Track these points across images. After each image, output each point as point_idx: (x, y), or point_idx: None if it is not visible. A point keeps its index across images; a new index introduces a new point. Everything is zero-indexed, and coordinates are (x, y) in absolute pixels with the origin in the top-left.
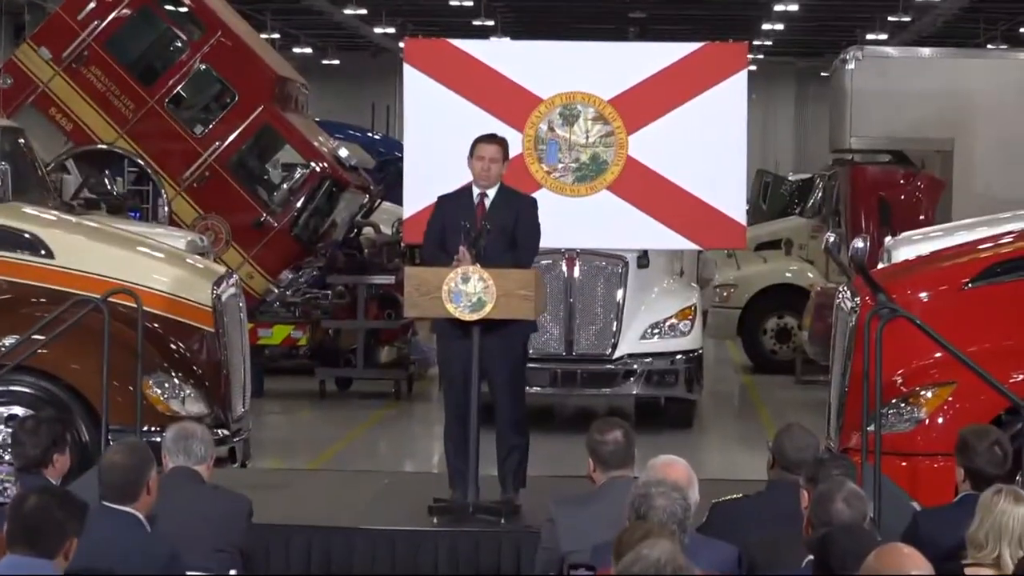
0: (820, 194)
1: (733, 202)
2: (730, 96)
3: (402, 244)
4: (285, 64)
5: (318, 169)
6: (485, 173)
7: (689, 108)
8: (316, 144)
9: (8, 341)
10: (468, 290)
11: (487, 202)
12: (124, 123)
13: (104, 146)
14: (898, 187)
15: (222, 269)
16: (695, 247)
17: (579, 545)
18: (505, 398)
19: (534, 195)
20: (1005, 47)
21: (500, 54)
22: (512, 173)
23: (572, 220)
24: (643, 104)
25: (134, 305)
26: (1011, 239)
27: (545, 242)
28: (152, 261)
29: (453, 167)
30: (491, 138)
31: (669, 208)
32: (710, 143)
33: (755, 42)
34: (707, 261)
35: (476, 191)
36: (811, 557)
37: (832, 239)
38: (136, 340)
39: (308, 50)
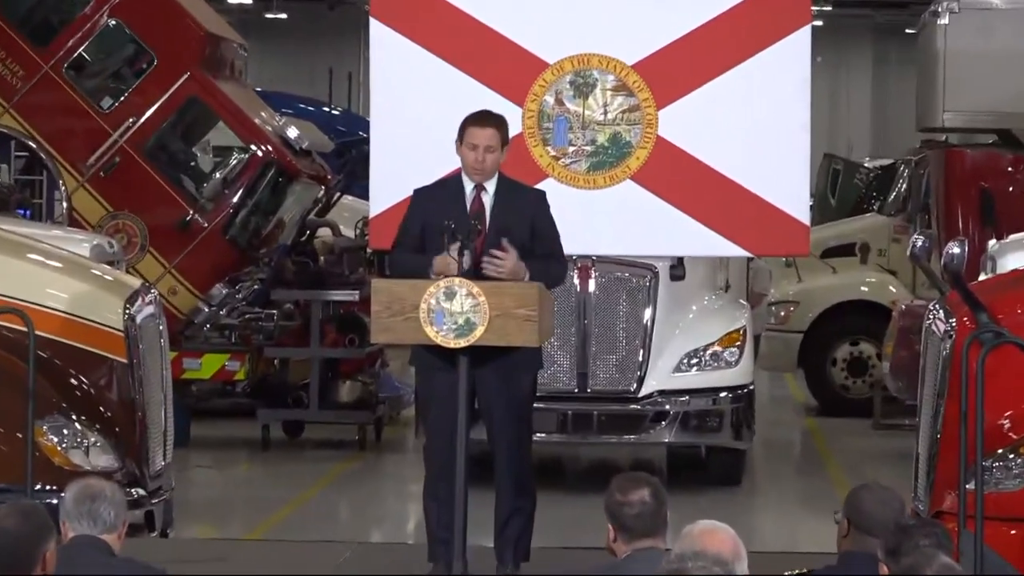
0: (905, 185)
1: (793, 196)
2: (789, 59)
3: (368, 250)
4: (218, 19)
5: (260, 154)
6: (479, 166)
7: (736, 75)
8: (258, 122)
9: None
10: (453, 308)
11: (486, 198)
12: (10, 94)
13: None
14: (1005, 176)
15: (137, 282)
16: (744, 254)
17: None
18: (505, 448)
19: (538, 187)
20: None
21: (494, 6)
22: (509, 159)
23: (586, 219)
24: (677, 70)
25: (23, 328)
26: None
27: None
28: (46, 272)
29: (433, 151)
30: (485, 119)
31: (710, 203)
32: (764, 120)
33: None
34: (760, 271)
35: (469, 184)
36: None
37: (920, 243)
38: (26, 373)
39: (247, 0)
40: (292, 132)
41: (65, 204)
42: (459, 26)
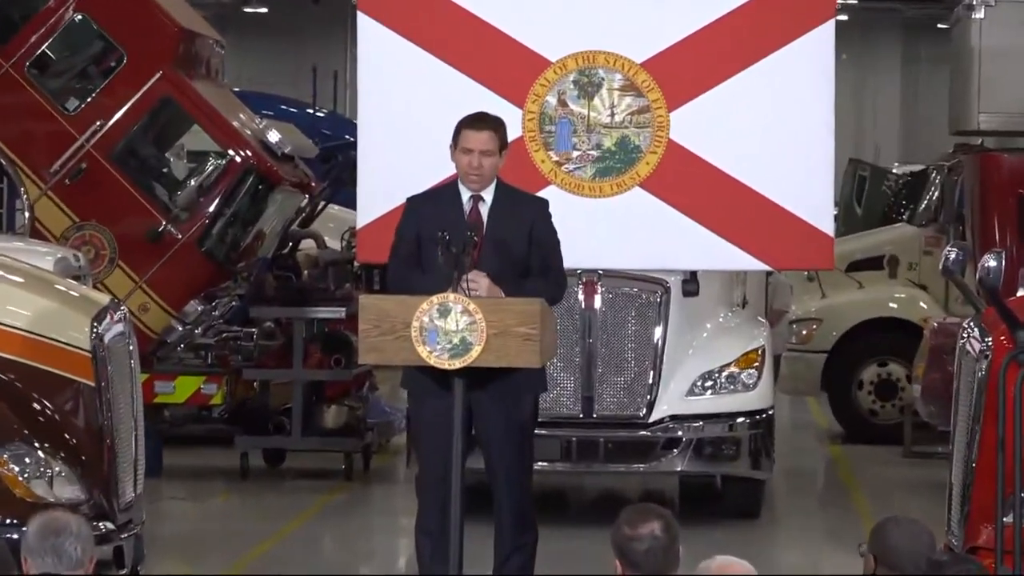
0: (937, 193)
1: (816, 205)
2: (811, 56)
3: (355, 263)
4: (192, 14)
5: (238, 159)
6: (475, 172)
7: (754, 73)
8: (236, 124)
9: None
10: (447, 327)
11: (483, 208)
12: None
13: None
14: None
15: (106, 299)
16: (764, 267)
17: None
18: (504, 478)
19: (539, 195)
20: None
21: None
22: (508, 164)
23: (591, 229)
24: (690, 68)
25: None
26: None
27: None
28: (6, 287)
29: (426, 157)
30: (481, 121)
31: (727, 213)
32: (784, 122)
33: None
34: (780, 286)
35: (466, 192)
36: None
37: (953, 256)
38: None
39: None
40: (273, 136)
41: (27, 214)
42: (453, 21)
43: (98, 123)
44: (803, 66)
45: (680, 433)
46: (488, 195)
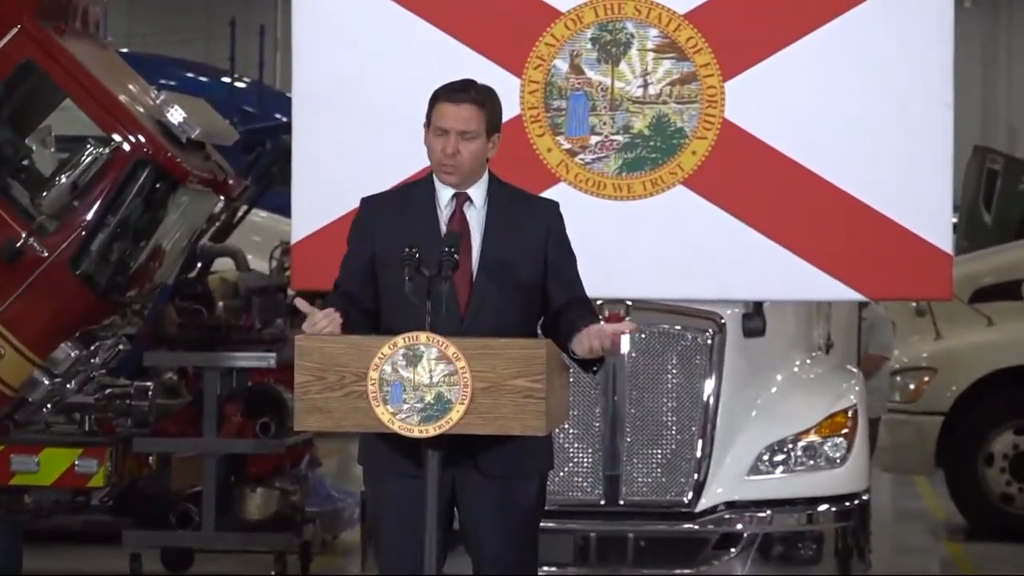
0: None
1: (928, 211)
2: (921, 6)
3: (290, 292)
4: None
5: (127, 147)
6: (449, 160)
7: (840, 30)
8: (124, 99)
9: None
10: (418, 379)
11: (471, 212)
12: None
13: None
14: None
15: None
16: (856, 297)
17: None
18: None
19: (547, 195)
20: None
21: None
22: (504, 153)
23: (616, 244)
24: (753, 22)
25: None
26: None
27: None
28: None
29: (388, 145)
30: (462, 91)
31: (803, 222)
32: (883, 97)
33: None
34: (878, 324)
35: (446, 191)
36: None
37: None
38: None
39: None
40: (175, 115)
41: None
42: None
43: None
44: (909, 18)
45: (740, 526)
46: (477, 194)
